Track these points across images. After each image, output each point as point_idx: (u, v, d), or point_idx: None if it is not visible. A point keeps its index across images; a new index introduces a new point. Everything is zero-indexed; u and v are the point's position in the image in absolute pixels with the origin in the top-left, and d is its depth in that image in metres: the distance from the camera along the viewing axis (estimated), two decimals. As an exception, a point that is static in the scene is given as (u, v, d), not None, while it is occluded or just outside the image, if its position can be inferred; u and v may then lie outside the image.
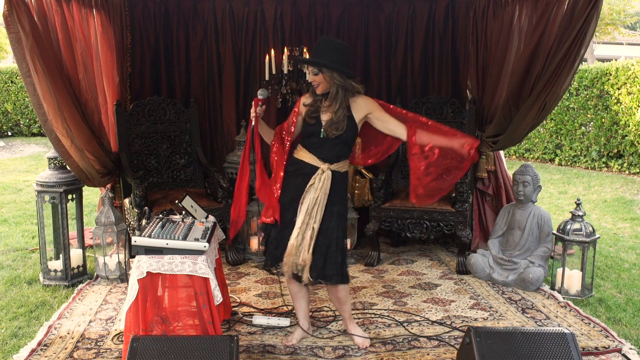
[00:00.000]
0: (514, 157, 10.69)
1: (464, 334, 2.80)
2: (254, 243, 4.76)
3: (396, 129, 3.08)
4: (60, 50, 3.95)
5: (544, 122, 9.52)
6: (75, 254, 4.22)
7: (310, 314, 3.53)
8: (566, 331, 2.60)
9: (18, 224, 5.76)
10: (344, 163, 3.11)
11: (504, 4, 4.50)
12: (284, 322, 3.47)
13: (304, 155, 3.09)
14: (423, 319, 3.60)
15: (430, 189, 3.09)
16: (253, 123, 3.01)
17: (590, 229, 3.98)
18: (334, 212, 3.06)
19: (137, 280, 2.80)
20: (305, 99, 3.14)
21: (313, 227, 3.00)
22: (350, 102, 3.04)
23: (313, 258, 3.00)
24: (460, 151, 3.03)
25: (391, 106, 3.17)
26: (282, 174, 3.10)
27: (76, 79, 4.08)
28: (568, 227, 4.00)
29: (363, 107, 3.06)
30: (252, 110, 3.00)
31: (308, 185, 3.04)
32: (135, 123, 4.77)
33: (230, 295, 3.79)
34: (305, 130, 3.10)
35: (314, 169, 3.05)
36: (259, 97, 2.99)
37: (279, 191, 3.09)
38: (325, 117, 3.04)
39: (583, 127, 9.54)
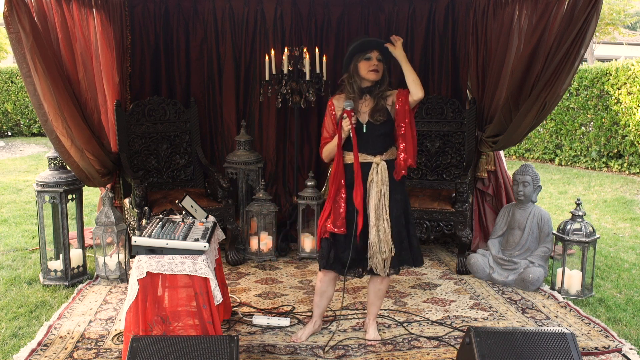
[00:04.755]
0: (514, 157, 10.69)
1: (464, 334, 2.80)
2: (254, 243, 4.77)
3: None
4: (60, 50, 3.95)
5: (544, 122, 9.51)
6: (75, 254, 4.22)
7: (310, 313, 3.54)
8: (566, 331, 2.60)
9: (18, 224, 5.76)
10: (393, 150, 3.14)
11: (504, 4, 4.50)
12: (284, 322, 3.47)
13: (352, 158, 3.07)
14: (423, 319, 3.60)
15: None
16: (350, 135, 3.02)
17: (590, 229, 3.98)
18: (398, 200, 3.12)
19: (137, 280, 2.80)
20: (338, 100, 3.15)
21: (386, 219, 3.05)
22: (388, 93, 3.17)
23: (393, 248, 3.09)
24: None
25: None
26: (343, 182, 3.10)
27: (76, 79, 4.08)
28: (568, 227, 4.00)
29: (392, 96, 3.16)
30: (347, 122, 3.00)
31: (368, 182, 3.06)
32: (135, 123, 4.77)
33: (230, 295, 3.79)
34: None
35: (367, 166, 3.06)
36: (348, 108, 3.01)
37: (346, 200, 3.09)
38: (363, 112, 3.10)
39: (583, 127, 9.53)
